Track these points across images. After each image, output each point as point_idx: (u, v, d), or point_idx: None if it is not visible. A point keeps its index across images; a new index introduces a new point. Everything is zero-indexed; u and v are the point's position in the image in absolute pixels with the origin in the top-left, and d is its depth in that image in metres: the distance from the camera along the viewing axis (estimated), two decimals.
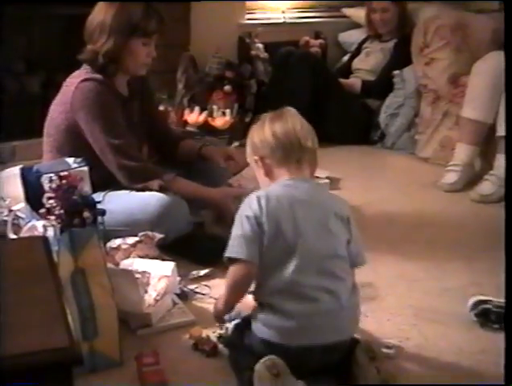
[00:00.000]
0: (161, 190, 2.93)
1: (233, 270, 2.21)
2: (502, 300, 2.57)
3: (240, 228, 2.19)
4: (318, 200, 2.27)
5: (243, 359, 2.18)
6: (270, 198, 2.20)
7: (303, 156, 2.29)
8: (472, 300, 2.63)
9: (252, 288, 2.26)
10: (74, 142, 2.96)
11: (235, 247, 2.18)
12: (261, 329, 2.16)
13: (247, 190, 2.96)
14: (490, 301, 2.60)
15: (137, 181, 2.93)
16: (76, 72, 3.05)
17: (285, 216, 2.18)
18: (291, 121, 2.32)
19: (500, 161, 3.88)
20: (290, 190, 2.25)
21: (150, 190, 2.93)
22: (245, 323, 2.28)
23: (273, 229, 2.16)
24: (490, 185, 3.86)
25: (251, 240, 2.17)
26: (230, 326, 2.38)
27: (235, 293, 2.27)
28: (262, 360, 2.07)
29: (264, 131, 2.31)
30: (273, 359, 2.07)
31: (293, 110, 2.41)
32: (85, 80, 2.96)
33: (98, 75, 2.98)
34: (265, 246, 2.16)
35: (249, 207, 2.20)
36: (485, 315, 2.57)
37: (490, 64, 4.03)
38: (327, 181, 3.54)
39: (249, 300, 2.39)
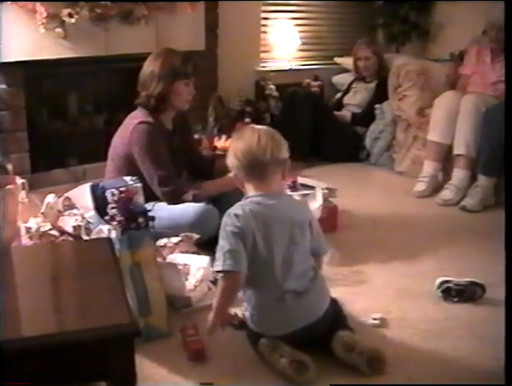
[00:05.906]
0: (194, 200, 2.91)
1: (227, 281, 2.06)
2: (461, 280, 2.60)
3: (228, 243, 2.02)
4: (284, 216, 2.07)
5: (253, 336, 2.14)
6: (246, 217, 2.03)
7: (263, 171, 2.07)
8: (438, 280, 2.62)
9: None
10: (130, 166, 2.95)
11: (227, 260, 2.01)
12: (250, 324, 2.14)
13: None
14: (451, 281, 2.59)
15: (173, 201, 2.91)
16: (134, 113, 3.05)
17: (260, 235, 2.04)
18: (248, 140, 2.07)
19: (456, 173, 3.87)
20: (261, 209, 2.06)
21: (187, 201, 2.91)
22: None
23: (250, 245, 2.04)
24: (449, 192, 3.82)
25: (240, 254, 2.02)
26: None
27: (229, 300, 2.13)
28: (262, 339, 2.08)
29: (231, 153, 2.12)
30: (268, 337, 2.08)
31: (254, 127, 2.16)
32: (141, 122, 2.95)
33: (150, 119, 2.97)
34: (248, 257, 2.04)
35: (231, 224, 2.03)
36: (447, 292, 2.57)
37: (447, 100, 4.02)
38: (326, 191, 3.51)
39: None
